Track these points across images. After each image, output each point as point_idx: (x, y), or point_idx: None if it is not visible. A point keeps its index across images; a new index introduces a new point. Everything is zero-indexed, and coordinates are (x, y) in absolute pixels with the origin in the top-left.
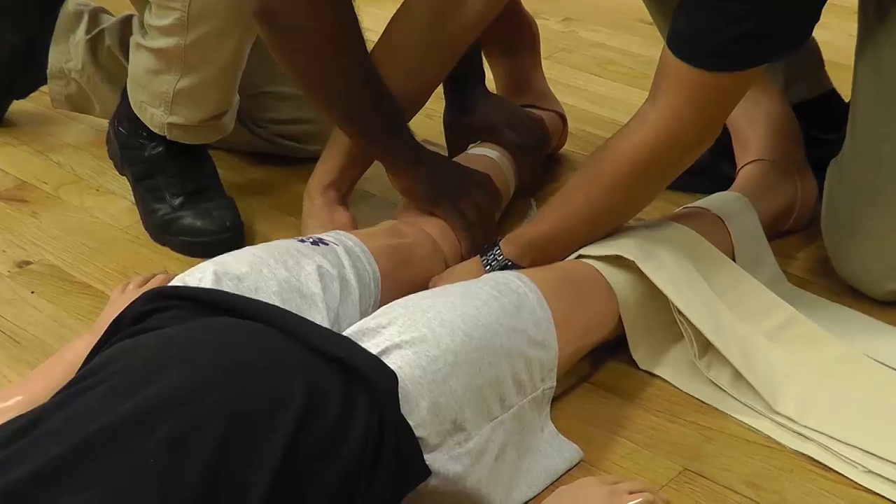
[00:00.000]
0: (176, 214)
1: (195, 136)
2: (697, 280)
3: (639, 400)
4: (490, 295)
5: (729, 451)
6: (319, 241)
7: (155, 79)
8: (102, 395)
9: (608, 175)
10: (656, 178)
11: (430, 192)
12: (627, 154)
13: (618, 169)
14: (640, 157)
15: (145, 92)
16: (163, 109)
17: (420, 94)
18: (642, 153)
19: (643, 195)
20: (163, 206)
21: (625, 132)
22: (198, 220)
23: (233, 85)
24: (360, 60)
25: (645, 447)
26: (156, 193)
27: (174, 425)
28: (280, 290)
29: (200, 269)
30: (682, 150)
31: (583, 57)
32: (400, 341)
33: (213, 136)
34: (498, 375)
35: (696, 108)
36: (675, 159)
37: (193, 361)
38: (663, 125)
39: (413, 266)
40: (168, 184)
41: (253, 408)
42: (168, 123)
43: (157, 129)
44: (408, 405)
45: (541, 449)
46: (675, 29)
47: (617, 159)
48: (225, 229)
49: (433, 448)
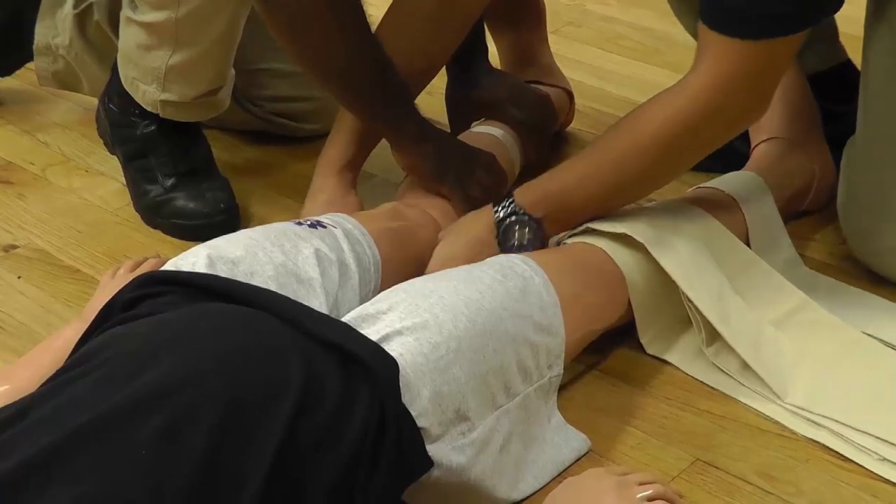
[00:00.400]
0: (168, 196)
1: (189, 113)
2: (707, 265)
3: (649, 388)
4: (494, 279)
5: (742, 441)
6: (317, 223)
7: (146, 54)
8: (94, 383)
9: (639, 141)
10: (692, 150)
11: (436, 170)
12: (664, 122)
13: (651, 136)
14: (676, 127)
15: (137, 68)
16: (155, 86)
17: (430, 68)
18: (679, 122)
19: (673, 168)
20: (154, 187)
21: (662, 98)
22: (191, 202)
23: (228, 59)
24: (360, 31)
25: (655, 437)
26: (147, 174)
27: (168, 414)
28: (276, 275)
29: (194, 252)
30: (725, 123)
31: (591, 31)
32: (401, 327)
33: (209, 114)
34: (503, 362)
35: (739, 78)
36: (717, 132)
37: (187, 348)
38: (705, 95)
39: (415, 249)
40: (160, 164)
41: (249, 396)
42: (161, 101)
43: (150, 106)
44: (409, 394)
45: (547, 439)
46: (708, 1)
47: (651, 126)
48: (219, 212)
49: (436, 438)
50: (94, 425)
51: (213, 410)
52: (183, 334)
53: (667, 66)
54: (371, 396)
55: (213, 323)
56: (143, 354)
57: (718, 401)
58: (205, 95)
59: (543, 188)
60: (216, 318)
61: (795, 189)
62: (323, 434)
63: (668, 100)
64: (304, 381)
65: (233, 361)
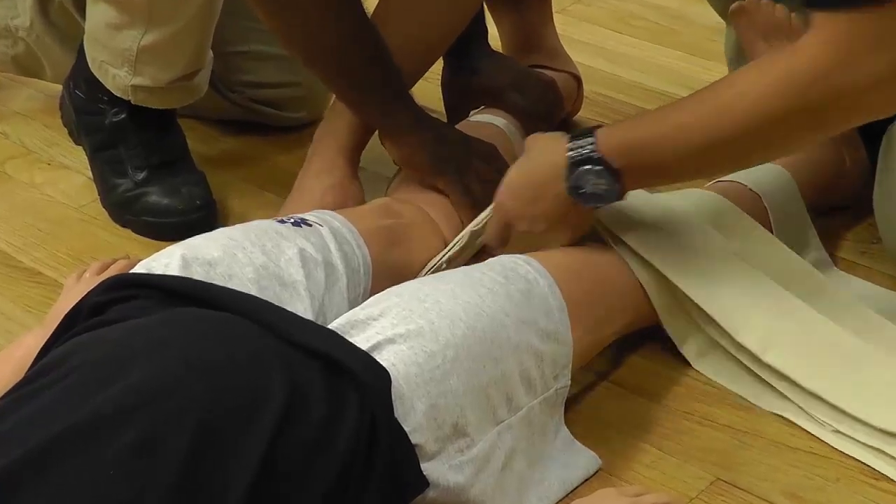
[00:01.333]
0: (139, 191)
1: (163, 99)
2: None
3: (665, 401)
4: (495, 281)
5: (767, 459)
6: (302, 221)
7: (117, 34)
8: (59, 395)
9: (743, 100)
10: (805, 123)
11: (433, 161)
12: (776, 84)
13: (758, 96)
14: (791, 90)
15: (106, 50)
16: (126, 70)
17: (428, 55)
18: (794, 85)
19: (777, 141)
20: (124, 181)
21: (767, 60)
22: (164, 197)
23: (205, 39)
24: (352, 11)
25: (672, 454)
26: (116, 167)
27: (141, 428)
28: (257, 277)
29: (167, 253)
30: (853, 94)
31: (600, 10)
32: (393, 335)
33: (185, 100)
34: (504, 373)
35: (866, 49)
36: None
37: (160, 357)
38: (829, 53)
39: (408, 249)
40: (131, 155)
41: (227, 409)
42: (132, 86)
43: (120, 92)
44: (402, 407)
45: (554, 456)
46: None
47: (760, 84)
48: (194, 208)
49: (431, 456)
50: (60, 441)
51: (188, 424)
52: (155, 342)
53: (683, 47)
54: (360, 410)
55: (188, 329)
56: (112, 364)
57: (741, 415)
58: (180, 80)
59: (627, 136)
60: (191, 325)
61: (824, 182)
62: (307, 452)
63: (775, 61)
64: (288, 394)
65: (209, 371)
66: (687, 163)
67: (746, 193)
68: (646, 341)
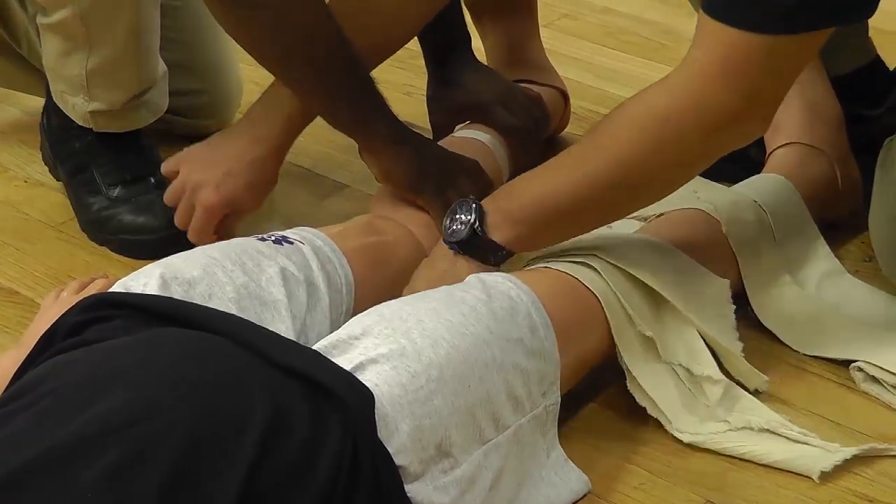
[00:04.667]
0: (114, 210)
1: (123, 121)
2: None
3: (654, 423)
4: (478, 299)
5: (759, 482)
6: (283, 239)
7: (67, 62)
8: (35, 418)
9: (611, 133)
10: (667, 152)
11: (413, 177)
12: (635, 113)
13: (624, 126)
14: (648, 120)
15: (61, 80)
16: (82, 96)
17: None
18: (652, 114)
19: (651, 171)
20: (98, 198)
21: (642, 92)
22: (139, 215)
23: (148, 55)
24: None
25: (661, 476)
26: (90, 186)
27: (118, 452)
28: (237, 297)
29: (145, 272)
30: (703, 125)
31: (588, 25)
32: (376, 355)
33: (146, 119)
34: (490, 392)
35: (725, 77)
36: (692, 134)
37: (138, 379)
38: (684, 87)
39: (392, 268)
40: (103, 174)
41: (208, 432)
42: (90, 112)
43: (81, 120)
44: (386, 429)
45: (543, 476)
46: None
47: (627, 124)
48: (171, 225)
49: (416, 477)
50: (36, 465)
51: (168, 447)
52: (134, 364)
53: (673, 63)
54: (343, 431)
55: (167, 350)
56: (89, 385)
57: None
58: (135, 98)
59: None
60: (170, 345)
61: (816, 199)
62: (290, 474)
63: (646, 95)
64: (269, 414)
65: (189, 393)
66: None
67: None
68: None
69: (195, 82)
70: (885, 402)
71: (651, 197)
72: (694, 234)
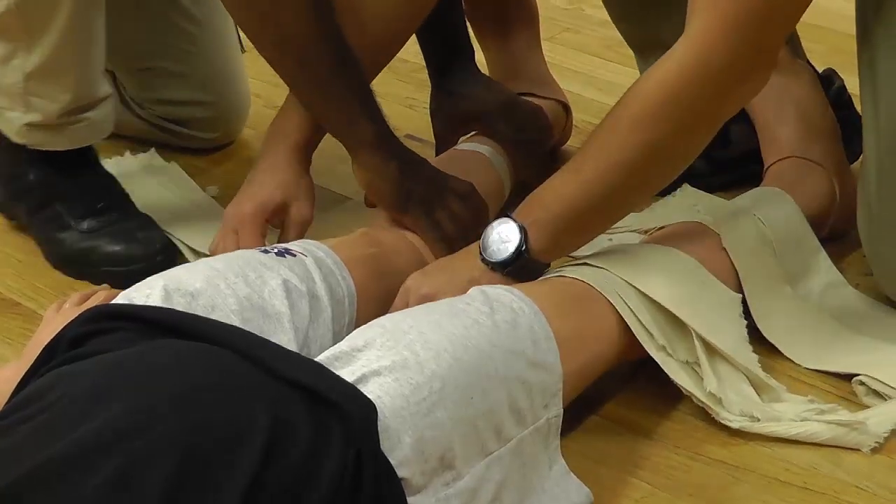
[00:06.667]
0: (90, 243)
1: (60, 138)
2: None
3: (656, 435)
4: (480, 311)
5: (761, 494)
6: (286, 251)
7: (6, 69)
8: (36, 429)
9: (630, 120)
10: (688, 123)
11: (399, 194)
12: (651, 92)
13: (641, 111)
14: (665, 95)
15: (0, 93)
16: (20, 109)
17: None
18: (667, 89)
19: (674, 147)
20: (68, 233)
21: (650, 70)
22: (120, 244)
23: (88, 60)
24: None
25: (663, 489)
26: (57, 222)
27: (119, 463)
28: (240, 309)
29: (148, 284)
30: (718, 86)
31: (590, 38)
32: (378, 367)
33: (86, 138)
34: (493, 404)
35: (733, 32)
36: (710, 98)
37: (140, 390)
38: (693, 53)
39: (393, 279)
40: (69, 207)
41: (209, 442)
42: (26, 125)
43: (17, 136)
44: (388, 441)
45: (546, 489)
46: None
47: (640, 101)
48: (156, 252)
49: (418, 490)
50: (37, 476)
51: (169, 458)
52: (135, 374)
53: None
54: (346, 443)
55: (169, 362)
56: (91, 397)
57: (733, 450)
58: (74, 113)
59: (529, 197)
60: (172, 357)
61: (814, 213)
62: (291, 485)
63: (654, 69)
64: (271, 426)
65: (190, 404)
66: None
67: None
68: (637, 375)
69: (200, 93)
70: None
71: (675, 171)
72: (694, 247)
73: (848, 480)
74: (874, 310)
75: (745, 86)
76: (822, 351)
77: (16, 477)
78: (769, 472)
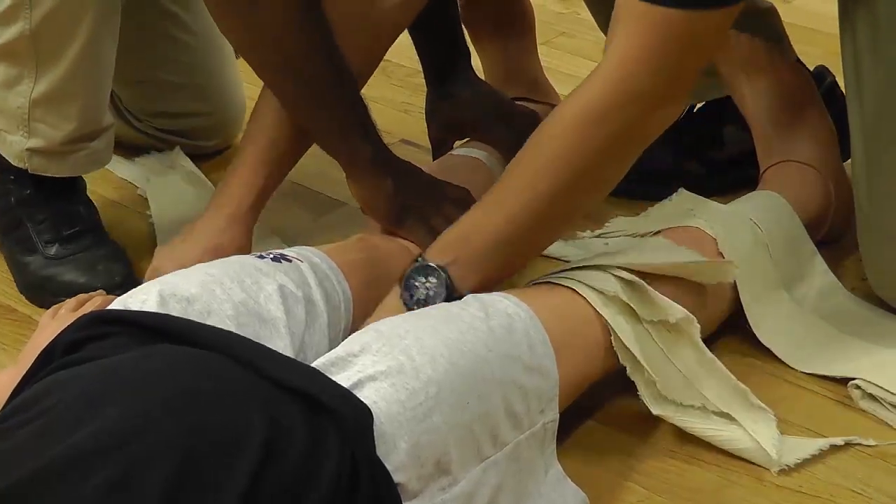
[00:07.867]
0: (53, 270)
1: (61, 165)
2: None
3: (651, 439)
4: (475, 317)
5: (755, 498)
6: (281, 256)
7: (9, 94)
8: (32, 435)
9: (552, 145)
10: (613, 145)
11: (395, 210)
12: (575, 116)
13: (563, 135)
14: (589, 118)
15: (1, 116)
16: (21, 133)
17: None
18: (591, 112)
19: (599, 171)
20: (34, 257)
21: (572, 94)
22: (81, 275)
23: (97, 87)
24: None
25: (659, 493)
26: (25, 244)
27: (116, 468)
28: (236, 314)
29: (144, 289)
30: (641, 107)
31: (586, 42)
32: (374, 372)
33: (86, 167)
34: (489, 408)
35: (654, 53)
36: (633, 119)
37: (136, 395)
38: (614, 75)
39: (389, 284)
40: (39, 230)
41: (206, 448)
42: (28, 149)
43: (16, 159)
44: (385, 446)
45: (542, 493)
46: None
47: (562, 125)
48: (115, 285)
49: (414, 495)
50: (33, 481)
51: (168, 459)
52: (131, 380)
53: None
54: (341, 449)
55: (165, 367)
56: (87, 402)
57: (728, 453)
58: (77, 142)
59: (446, 234)
60: (168, 363)
61: (810, 217)
62: (288, 491)
63: (576, 93)
64: (267, 431)
65: (186, 409)
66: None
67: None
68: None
69: (198, 105)
70: (883, 420)
71: (601, 195)
72: None
73: (843, 484)
74: (870, 313)
75: (664, 110)
76: (819, 355)
77: (17, 478)
78: (764, 475)
